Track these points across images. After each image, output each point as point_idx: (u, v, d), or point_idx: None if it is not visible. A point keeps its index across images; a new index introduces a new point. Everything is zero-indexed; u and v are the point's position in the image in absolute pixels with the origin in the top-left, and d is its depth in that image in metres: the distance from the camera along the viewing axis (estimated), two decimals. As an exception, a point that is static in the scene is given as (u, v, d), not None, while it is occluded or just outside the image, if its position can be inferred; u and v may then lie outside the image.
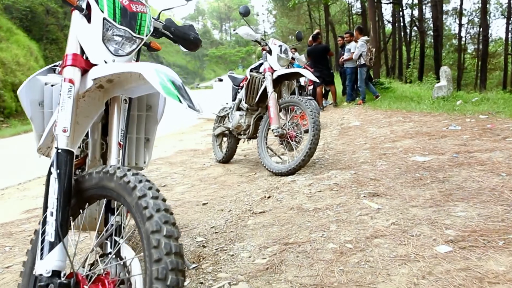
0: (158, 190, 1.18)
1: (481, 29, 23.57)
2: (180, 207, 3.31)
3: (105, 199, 1.35)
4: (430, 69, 24.88)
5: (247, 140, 4.63)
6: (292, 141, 3.95)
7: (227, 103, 4.93)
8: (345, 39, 10.66)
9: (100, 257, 1.29)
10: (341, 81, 12.06)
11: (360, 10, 24.71)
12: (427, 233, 2.09)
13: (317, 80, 4.49)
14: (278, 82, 4.20)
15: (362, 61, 9.80)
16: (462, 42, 30.42)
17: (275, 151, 4.31)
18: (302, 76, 4.09)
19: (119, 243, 1.27)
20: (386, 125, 6.08)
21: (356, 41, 10.03)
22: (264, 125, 4.11)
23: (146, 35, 1.56)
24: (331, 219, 2.45)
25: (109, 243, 1.31)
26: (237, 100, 4.59)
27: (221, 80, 5.32)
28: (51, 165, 1.28)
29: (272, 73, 4.10)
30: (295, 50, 9.75)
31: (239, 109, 4.57)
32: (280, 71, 4.06)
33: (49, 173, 1.27)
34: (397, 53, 27.75)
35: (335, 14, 33.89)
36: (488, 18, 26.66)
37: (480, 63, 21.40)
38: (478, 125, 4.91)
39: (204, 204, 3.31)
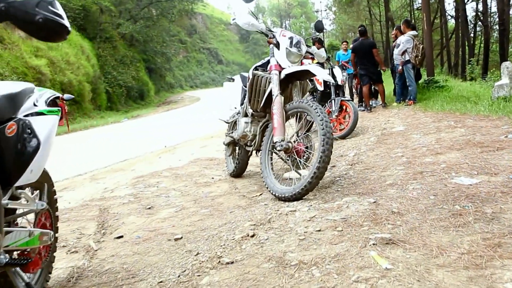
0: None
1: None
2: (147, 243, 2.67)
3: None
4: (496, 65, 22.71)
5: (256, 153, 3.90)
6: (299, 157, 3.17)
7: (235, 107, 4.23)
8: (392, 34, 9.62)
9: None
10: (392, 79, 10.95)
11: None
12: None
13: (332, 80, 3.64)
14: (288, 82, 3.44)
15: (407, 57, 8.72)
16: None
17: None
18: (313, 75, 3.28)
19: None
20: (432, 131, 5.10)
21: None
22: (269, 136, 3.35)
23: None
24: (313, 285, 1.68)
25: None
26: (244, 105, 3.88)
27: (232, 79, 4.60)
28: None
29: (280, 72, 3.34)
30: (320, 44, 8.85)
31: (246, 115, 3.85)
32: (289, 69, 3.29)
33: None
34: (460, 49, 25.67)
35: (396, 10, 32.28)
36: None
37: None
38: (550, 134, 3.88)
39: (177, 239, 2.64)
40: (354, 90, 11.30)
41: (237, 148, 4.31)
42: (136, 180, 4.70)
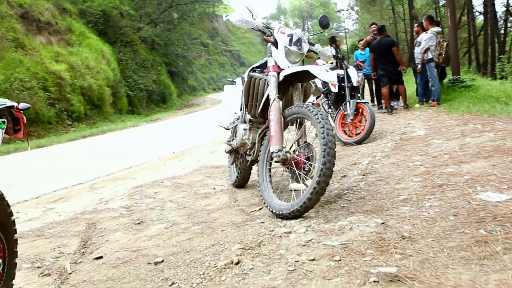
0: None
1: None
2: (125, 266, 2.38)
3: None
4: (529, 63, 21.66)
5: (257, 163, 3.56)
6: (299, 169, 2.81)
7: (235, 112, 3.90)
8: (414, 31, 9.12)
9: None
10: (414, 79, 10.42)
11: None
12: None
13: (334, 82, 3.23)
14: (288, 84, 3.09)
15: (430, 56, 8.21)
16: None
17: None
18: (314, 77, 2.92)
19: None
20: (457, 136, 4.66)
21: (426, 33, 8.47)
22: (267, 145, 3.01)
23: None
24: None
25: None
26: (242, 110, 3.55)
27: (233, 82, 4.27)
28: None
29: (278, 73, 3.00)
30: (335, 44, 8.41)
31: (245, 121, 3.52)
32: (288, 70, 2.95)
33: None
34: (489, 47, 24.62)
35: (421, 7, 31.40)
36: None
37: None
38: None
39: (157, 263, 2.33)
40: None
41: (239, 156, 3.98)
42: (134, 190, 4.44)
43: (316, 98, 7.26)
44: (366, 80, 10.31)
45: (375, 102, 10.59)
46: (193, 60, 38.87)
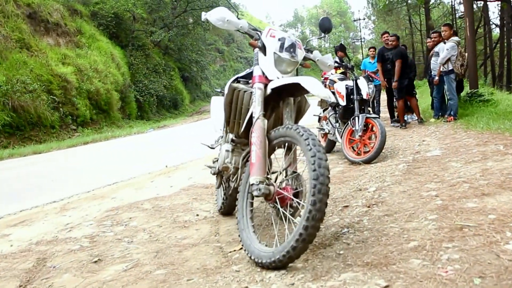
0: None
1: None
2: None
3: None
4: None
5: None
6: (285, 207, 2.27)
7: (221, 129, 3.37)
8: (432, 40, 8.53)
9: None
10: (429, 91, 9.80)
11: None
12: None
13: (331, 99, 2.65)
14: (278, 99, 2.57)
15: (450, 67, 7.61)
16: None
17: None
18: (306, 91, 2.37)
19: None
20: (477, 159, 4.08)
21: (445, 42, 7.88)
22: (248, 173, 2.47)
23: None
24: None
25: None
26: (224, 127, 3.02)
27: (222, 93, 3.71)
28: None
29: (265, 85, 2.47)
30: (343, 52, 7.82)
31: (228, 140, 3.00)
32: (277, 81, 2.41)
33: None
34: (505, 59, 23.80)
35: (437, 18, 30.77)
36: None
37: None
38: None
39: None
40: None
41: (225, 180, 3.45)
42: (107, 213, 3.94)
43: (323, 110, 6.72)
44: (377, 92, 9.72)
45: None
46: (207, 66, 38.52)
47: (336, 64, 6.71)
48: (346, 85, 5.70)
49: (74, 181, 6.03)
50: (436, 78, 8.06)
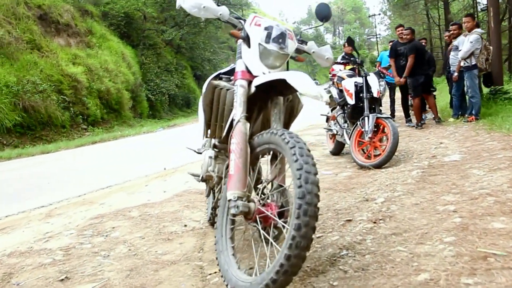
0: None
1: None
2: None
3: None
4: None
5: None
6: (268, 227, 1.89)
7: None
8: (450, 32, 8.01)
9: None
10: (448, 88, 9.26)
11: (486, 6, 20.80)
12: None
13: (324, 98, 2.18)
14: (265, 99, 2.18)
15: (473, 61, 7.07)
16: None
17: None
18: (294, 90, 1.96)
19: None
20: (503, 166, 3.62)
21: (465, 35, 7.35)
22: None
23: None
24: None
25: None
26: (204, 131, 2.64)
27: None
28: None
29: (249, 82, 2.09)
30: (351, 46, 7.32)
31: (212, 146, 2.63)
32: (262, 77, 2.02)
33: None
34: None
35: (457, 12, 29.76)
36: None
37: None
38: None
39: None
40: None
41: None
42: (91, 221, 3.61)
43: (331, 110, 6.29)
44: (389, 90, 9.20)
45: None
46: (220, 64, 38.22)
47: (343, 60, 6.32)
48: (355, 82, 5.26)
49: (71, 183, 5.73)
50: (455, 74, 7.54)
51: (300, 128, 10.74)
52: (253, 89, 2.07)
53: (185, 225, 3.32)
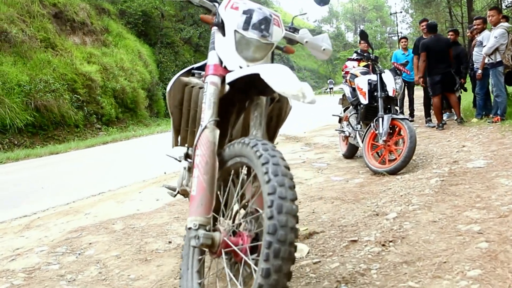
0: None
1: None
2: None
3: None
4: None
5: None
6: (237, 263, 1.49)
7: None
8: (474, 27, 7.46)
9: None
10: (471, 86, 8.68)
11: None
12: None
13: (308, 99, 1.73)
14: (243, 99, 1.79)
15: (498, 58, 6.52)
16: None
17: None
18: (269, 87, 1.55)
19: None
20: (536, 176, 3.15)
21: (490, 29, 6.81)
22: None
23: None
24: None
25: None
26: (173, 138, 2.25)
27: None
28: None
29: (223, 78, 1.69)
30: (365, 41, 6.81)
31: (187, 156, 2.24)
32: (237, 72, 1.62)
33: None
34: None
35: (481, 10, 28.78)
36: None
37: None
38: None
39: None
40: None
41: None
42: (69, 235, 3.27)
43: (344, 110, 5.84)
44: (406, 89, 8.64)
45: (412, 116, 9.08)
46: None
47: (357, 56, 5.87)
48: (369, 79, 4.81)
49: (64, 189, 5.42)
50: (479, 71, 6.99)
51: (316, 128, 10.31)
52: (226, 87, 1.67)
53: (170, 242, 2.95)
